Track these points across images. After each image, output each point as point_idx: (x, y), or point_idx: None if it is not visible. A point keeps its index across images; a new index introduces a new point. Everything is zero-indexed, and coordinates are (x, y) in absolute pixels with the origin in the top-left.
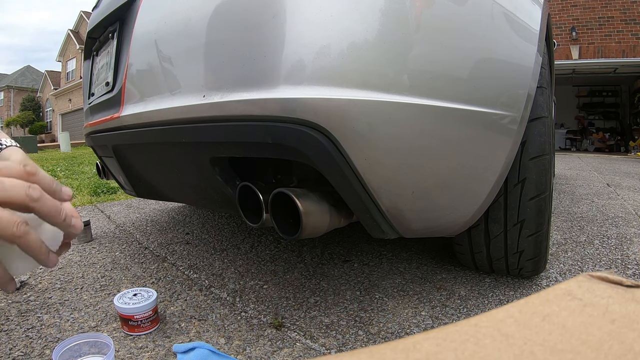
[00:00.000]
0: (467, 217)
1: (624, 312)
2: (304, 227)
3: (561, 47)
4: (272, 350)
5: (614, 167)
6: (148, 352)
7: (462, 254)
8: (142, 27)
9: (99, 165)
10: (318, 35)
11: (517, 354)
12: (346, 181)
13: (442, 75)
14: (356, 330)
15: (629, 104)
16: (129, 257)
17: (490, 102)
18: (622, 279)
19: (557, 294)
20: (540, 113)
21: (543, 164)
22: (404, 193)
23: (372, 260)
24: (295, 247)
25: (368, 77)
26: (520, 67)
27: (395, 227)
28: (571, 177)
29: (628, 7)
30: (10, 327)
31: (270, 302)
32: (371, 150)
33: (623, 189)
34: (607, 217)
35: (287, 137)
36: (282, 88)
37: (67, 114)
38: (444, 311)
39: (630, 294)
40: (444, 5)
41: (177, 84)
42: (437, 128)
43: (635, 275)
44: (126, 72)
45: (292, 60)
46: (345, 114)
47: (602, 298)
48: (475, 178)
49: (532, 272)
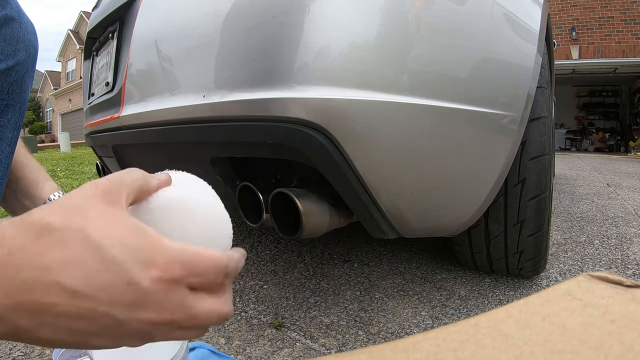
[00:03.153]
0: (467, 217)
1: (624, 312)
2: (304, 227)
3: (561, 47)
4: (272, 350)
5: (614, 167)
6: None
7: (462, 254)
8: (142, 27)
9: (99, 165)
10: (318, 35)
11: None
12: (346, 181)
13: (442, 75)
14: (356, 330)
15: (629, 104)
16: None
17: (490, 102)
18: (622, 279)
19: (557, 294)
20: (540, 113)
21: (543, 164)
22: (404, 193)
23: (372, 260)
24: (295, 247)
25: (368, 77)
26: (520, 67)
27: (395, 227)
28: (571, 177)
29: (628, 7)
30: None
31: (270, 302)
32: (371, 150)
33: (623, 189)
34: (607, 217)
35: (287, 137)
36: (282, 88)
37: (67, 114)
38: (444, 311)
39: (630, 294)
40: (443, 5)
41: (177, 84)
42: (437, 128)
43: (635, 275)
44: (126, 72)
45: (292, 60)
46: (345, 114)
47: (602, 298)
48: (475, 178)
49: (532, 272)
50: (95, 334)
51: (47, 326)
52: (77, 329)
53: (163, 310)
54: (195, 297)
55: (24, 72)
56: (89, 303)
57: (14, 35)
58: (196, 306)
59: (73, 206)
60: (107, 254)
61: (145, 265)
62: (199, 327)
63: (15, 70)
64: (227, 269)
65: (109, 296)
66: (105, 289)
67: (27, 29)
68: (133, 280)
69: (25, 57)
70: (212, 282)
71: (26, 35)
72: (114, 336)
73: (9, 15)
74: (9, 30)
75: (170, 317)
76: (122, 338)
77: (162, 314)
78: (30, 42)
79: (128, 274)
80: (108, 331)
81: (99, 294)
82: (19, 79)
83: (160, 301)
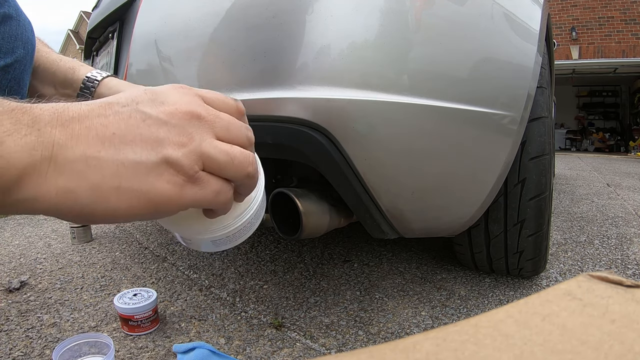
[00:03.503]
0: (467, 217)
1: (624, 312)
2: (304, 227)
3: (561, 47)
4: (272, 350)
5: (614, 167)
6: (148, 352)
7: (462, 254)
8: (142, 27)
9: None
10: (318, 35)
11: (517, 354)
12: (346, 181)
13: (442, 75)
14: (356, 330)
15: (629, 104)
16: (129, 257)
17: (490, 102)
18: (622, 279)
19: (557, 294)
20: (540, 113)
21: (543, 164)
22: (404, 193)
23: (372, 260)
24: (295, 247)
25: (368, 77)
26: (520, 67)
27: (395, 227)
28: (571, 177)
29: (628, 7)
30: (10, 327)
31: (270, 302)
32: (371, 150)
33: (623, 189)
34: (607, 217)
35: (287, 137)
36: (282, 88)
37: None
38: (444, 311)
39: (630, 294)
40: (443, 6)
41: (177, 84)
42: (437, 128)
43: (635, 275)
44: (126, 72)
45: (292, 60)
46: (346, 114)
47: (602, 298)
48: (475, 178)
49: (532, 272)
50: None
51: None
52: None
53: (180, 100)
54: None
55: (22, 69)
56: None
57: (12, 33)
58: (214, 110)
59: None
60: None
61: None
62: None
63: (13, 68)
64: (238, 103)
65: (131, 98)
66: (126, 96)
67: (25, 26)
68: (147, 88)
69: (23, 55)
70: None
71: (24, 33)
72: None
73: (7, 13)
74: (7, 28)
75: (194, 108)
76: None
77: (185, 103)
78: (28, 40)
79: (144, 88)
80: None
81: (122, 100)
82: (17, 76)
83: (176, 95)
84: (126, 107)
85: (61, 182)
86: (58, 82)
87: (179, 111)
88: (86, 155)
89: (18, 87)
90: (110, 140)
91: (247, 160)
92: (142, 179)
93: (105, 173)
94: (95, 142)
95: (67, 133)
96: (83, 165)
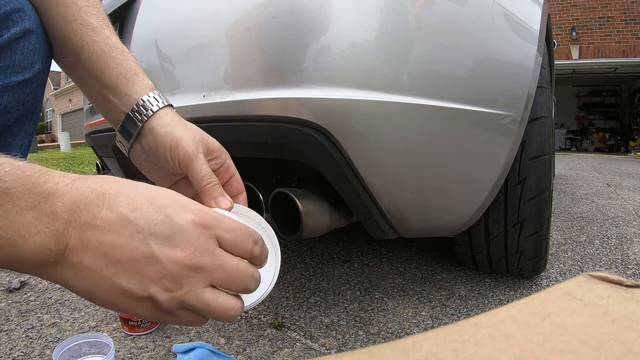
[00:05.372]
0: (467, 217)
1: (624, 312)
2: (304, 227)
3: (561, 47)
4: (272, 350)
5: (614, 167)
6: (148, 352)
7: (462, 254)
8: (142, 27)
9: (99, 165)
10: (318, 35)
11: (517, 354)
12: (346, 181)
13: (442, 75)
14: (356, 330)
15: (629, 104)
16: None
17: (490, 102)
18: (622, 279)
19: (557, 294)
20: (540, 113)
21: (543, 164)
22: (404, 193)
23: (372, 260)
24: (295, 247)
25: (368, 77)
26: (520, 67)
27: (395, 227)
28: (571, 177)
29: (628, 7)
30: (10, 327)
31: (270, 302)
32: (371, 151)
33: (623, 189)
34: (607, 217)
35: (287, 137)
36: (282, 88)
37: (67, 114)
38: (444, 311)
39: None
40: (444, 5)
41: (177, 84)
42: (437, 128)
43: (635, 275)
44: None
45: (292, 60)
46: (346, 114)
47: (602, 298)
48: (475, 178)
49: (532, 272)
50: (126, 267)
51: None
52: (114, 258)
53: (191, 246)
54: (225, 252)
55: (39, 83)
56: (130, 229)
57: (31, 48)
58: (224, 257)
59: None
60: (155, 200)
61: (181, 209)
62: (228, 281)
63: (31, 82)
64: (254, 235)
65: (147, 226)
66: (145, 219)
67: (45, 39)
68: (169, 215)
69: (41, 69)
70: (242, 243)
71: (43, 46)
72: (143, 273)
73: (28, 28)
74: (27, 43)
75: (199, 259)
76: (151, 280)
77: (191, 252)
78: (47, 53)
79: (166, 210)
80: (139, 265)
81: (140, 222)
82: (34, 90)
83: (190, 238)
84: (139, 234)
85: (64, 276)
86: (104, 83)
87: (180, 262)
88: (90, 268)
89: (34, 100)
90: (113, 264)
91: (226, 313)
92: (125, 300)
93: (100, 287)
94: (101, 260)
95: (80, 240)
96: (85, 273)
